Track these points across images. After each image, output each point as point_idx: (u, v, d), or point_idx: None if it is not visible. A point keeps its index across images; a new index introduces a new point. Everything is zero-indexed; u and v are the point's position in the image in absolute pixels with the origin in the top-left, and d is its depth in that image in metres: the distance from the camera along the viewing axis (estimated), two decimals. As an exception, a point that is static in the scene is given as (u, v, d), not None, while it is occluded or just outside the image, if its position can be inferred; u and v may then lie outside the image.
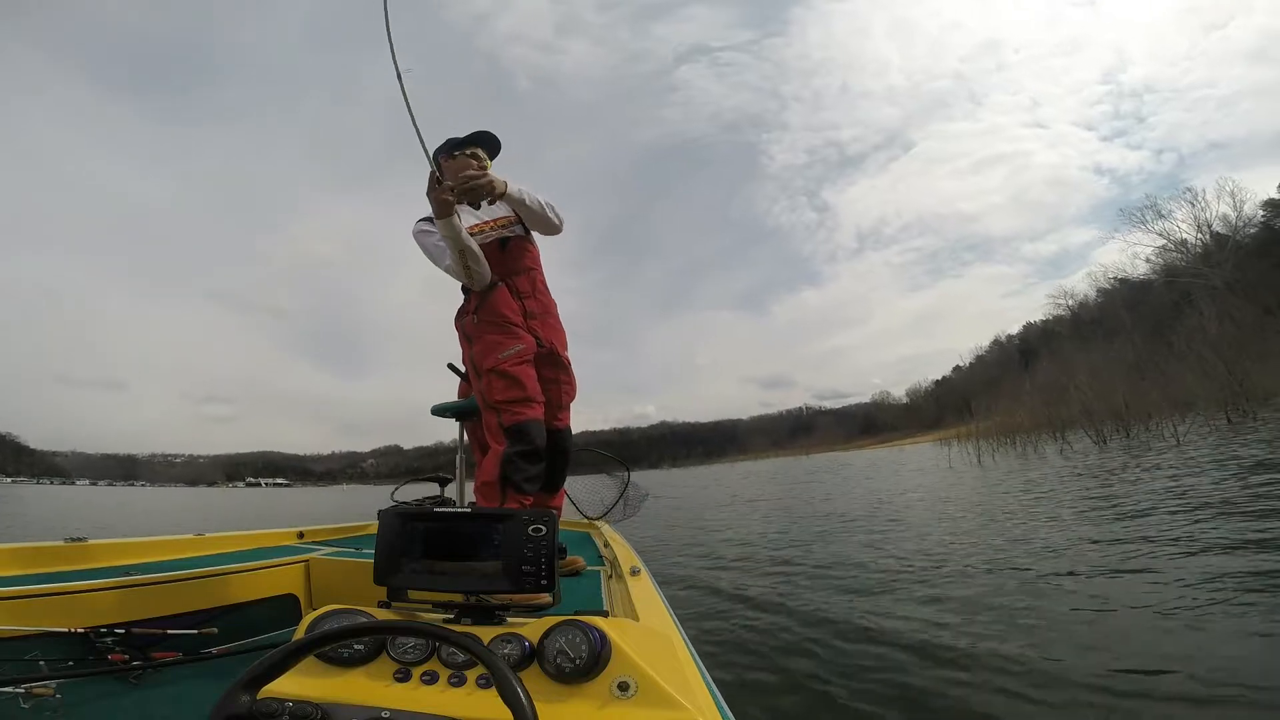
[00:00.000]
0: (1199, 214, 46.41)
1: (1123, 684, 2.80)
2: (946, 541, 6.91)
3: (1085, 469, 13.01)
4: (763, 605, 4.81)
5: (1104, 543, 5.80)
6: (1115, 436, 18.86)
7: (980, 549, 6.26)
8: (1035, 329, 77.36)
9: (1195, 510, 6.68)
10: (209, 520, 18.08)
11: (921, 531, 7.84)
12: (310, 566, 2.38)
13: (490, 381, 2.25)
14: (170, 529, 7.22)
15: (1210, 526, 5.78)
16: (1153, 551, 5.19)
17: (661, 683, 0.83)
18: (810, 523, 10.08)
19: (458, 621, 1.05)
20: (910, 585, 5.03)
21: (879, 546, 6.97)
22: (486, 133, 2.46)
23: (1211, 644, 3.12)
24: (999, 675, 3.03)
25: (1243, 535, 5.23)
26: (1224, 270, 41.25)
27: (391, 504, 2.14)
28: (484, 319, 2.33)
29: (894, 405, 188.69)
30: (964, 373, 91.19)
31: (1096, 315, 57.17)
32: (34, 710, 1.32)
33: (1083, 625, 3.66)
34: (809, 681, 3.20)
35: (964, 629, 3.76)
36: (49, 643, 1.53)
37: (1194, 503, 7.12)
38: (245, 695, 0.74)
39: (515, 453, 2.15)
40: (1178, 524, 6.11)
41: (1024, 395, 26.57)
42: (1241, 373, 18.25)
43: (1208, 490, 7.85)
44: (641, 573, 1.83)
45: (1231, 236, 44.47)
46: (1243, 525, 5.60)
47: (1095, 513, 7.61)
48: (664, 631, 1.09)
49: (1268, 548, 4.73)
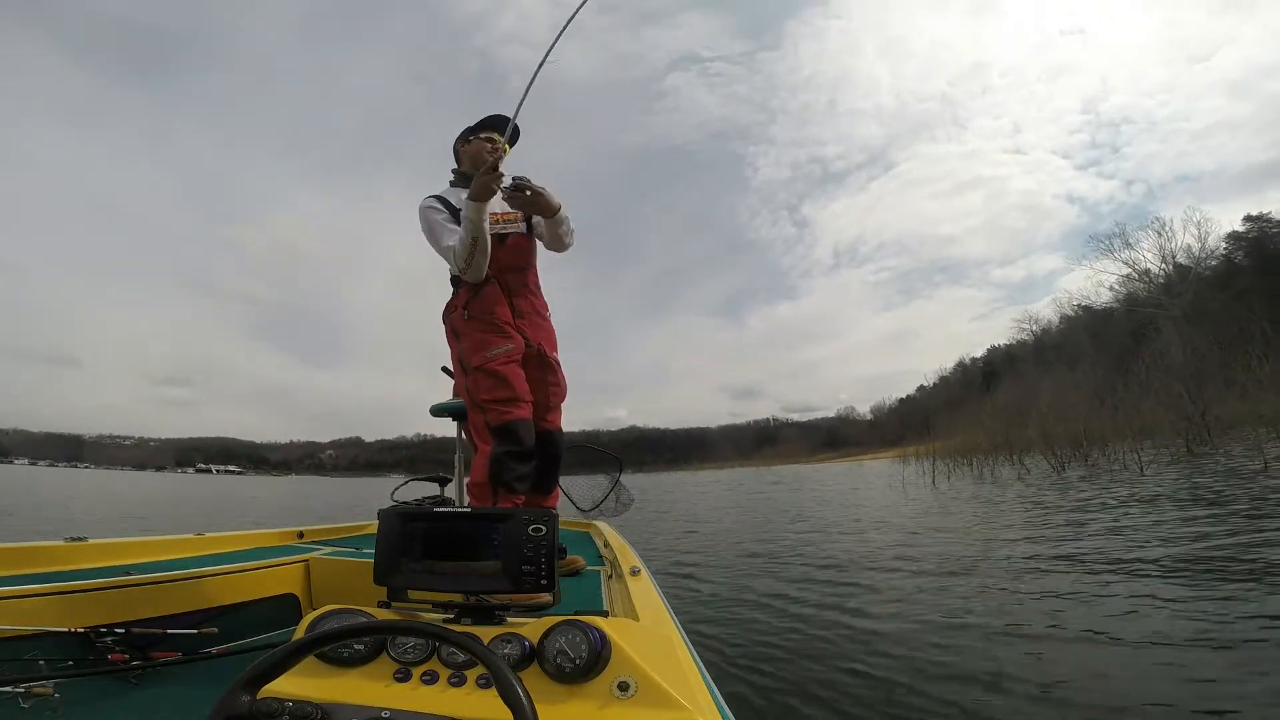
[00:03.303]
0: (1164, 244, 47.29)
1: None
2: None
3: (1036, 497, 12.40)
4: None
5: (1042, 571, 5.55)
6: (1073, 463, 18.76)
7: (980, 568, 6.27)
8: (999, 352, 77.90)
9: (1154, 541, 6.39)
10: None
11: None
12: (310, 566, 2.38)
13: (477, 380, 2.21)
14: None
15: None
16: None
17: (661, 683, 0.83)
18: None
19: (458, 621, 1.05)
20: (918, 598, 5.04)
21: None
22: (501, 116, 2.37)
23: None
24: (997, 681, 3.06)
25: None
26: (1183, 301, 41.86)
27: (391, 504, 2.14)
28: (473, 315, 2.29)
29: (858, 421, 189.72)
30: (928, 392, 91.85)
31: (1059, 341, 57.85)
32: (34, 710, 1.32)
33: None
34: (809, 682, 3.20)
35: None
36: (49, 643, 1.52)
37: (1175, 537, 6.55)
38: (245, 695, 0.74)
39: (504, 452, 2.13)
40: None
41: (984, 417, 26.37)
42: (1203, 402, 18.13)
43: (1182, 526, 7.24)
44: (641, 573, 1.82)
45: (1193, 268, 45.30)
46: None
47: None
48: (664, 631, 1.11)
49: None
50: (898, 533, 9.02)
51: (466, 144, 2.43)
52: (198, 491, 33.21)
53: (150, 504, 19.85)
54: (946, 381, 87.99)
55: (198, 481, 66.14)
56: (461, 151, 2.47)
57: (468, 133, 2.45)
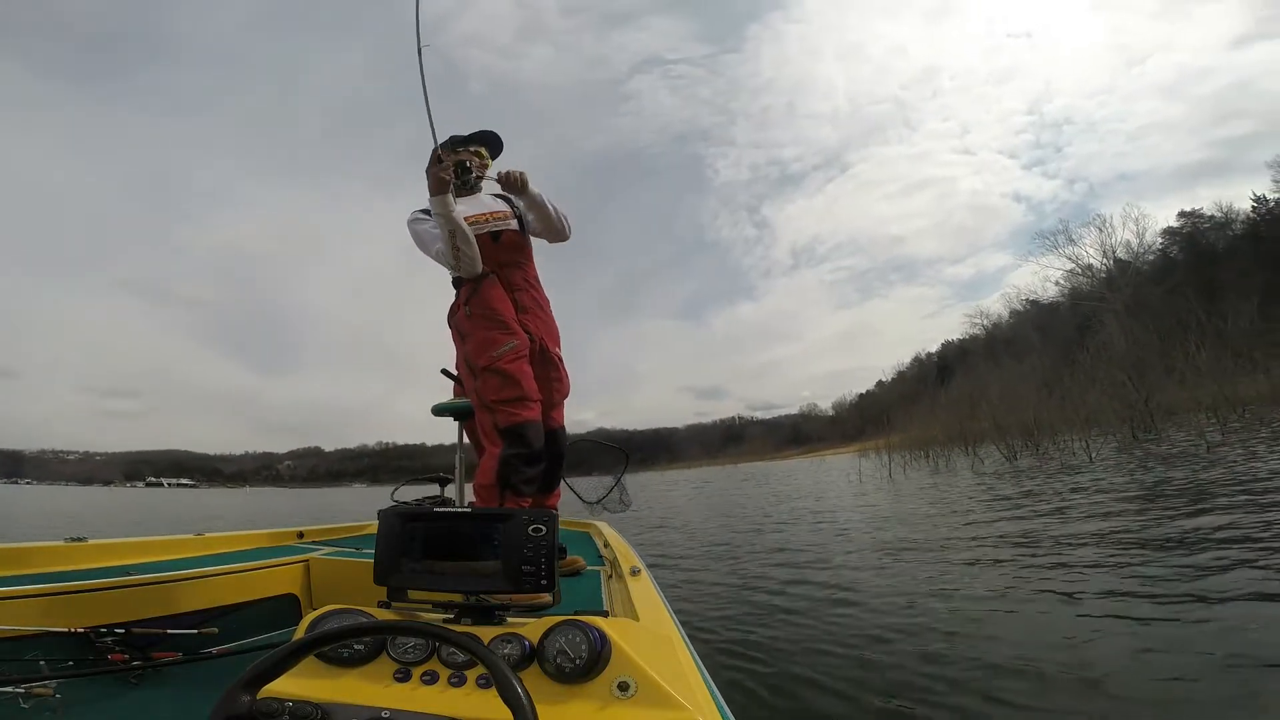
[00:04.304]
0: (1105, 240, 49.18)
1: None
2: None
3: (989, 486, 12.75)
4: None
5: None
6: (1024, 452, 19.08)
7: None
8: (953, 347, 79.60)
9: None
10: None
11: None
12: (310, 566, 2.38)
13: (485, 380, 2.20)
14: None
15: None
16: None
17: (661, 683, 0.83)
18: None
19: (458, 621, 1.04)
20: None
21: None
22: (491, 133, 2.48)
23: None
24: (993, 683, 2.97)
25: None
26: (1124, 295, 43.45)
27: (391, 504, 2.03)
28: (476, 312, 2.28)
29: (820, 417, 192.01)
30: (886, 387, 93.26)
31: (1009, 335, 59.40)
32: (34, 710, 1.32)
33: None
34: (808, 683, 3.15)
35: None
36: (49, 643, 1.53)
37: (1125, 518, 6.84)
38: (245, 695, 0.74)
39: (513, 455, 2.11)
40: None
41: (939, 410, 26.84)
42: (1146, 389, 18.59)
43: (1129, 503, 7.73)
44: (641, 573, 1.82)
45: (1132, 263, 47.17)
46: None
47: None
48: (664, 631, 1.11)
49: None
50: (845, 521, 9.52)
51: (454, 154, 2.44)
52: (149, 505, 32.15)
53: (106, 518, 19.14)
54: (904, 377, 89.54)
55: (160, 496, 62.38)
56: (445, 161, 2.47)
57: (455, 143, 2.47)
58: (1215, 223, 48.88)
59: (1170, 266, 46.49)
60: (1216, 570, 4.14)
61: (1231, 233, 47.14)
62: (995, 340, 61.82)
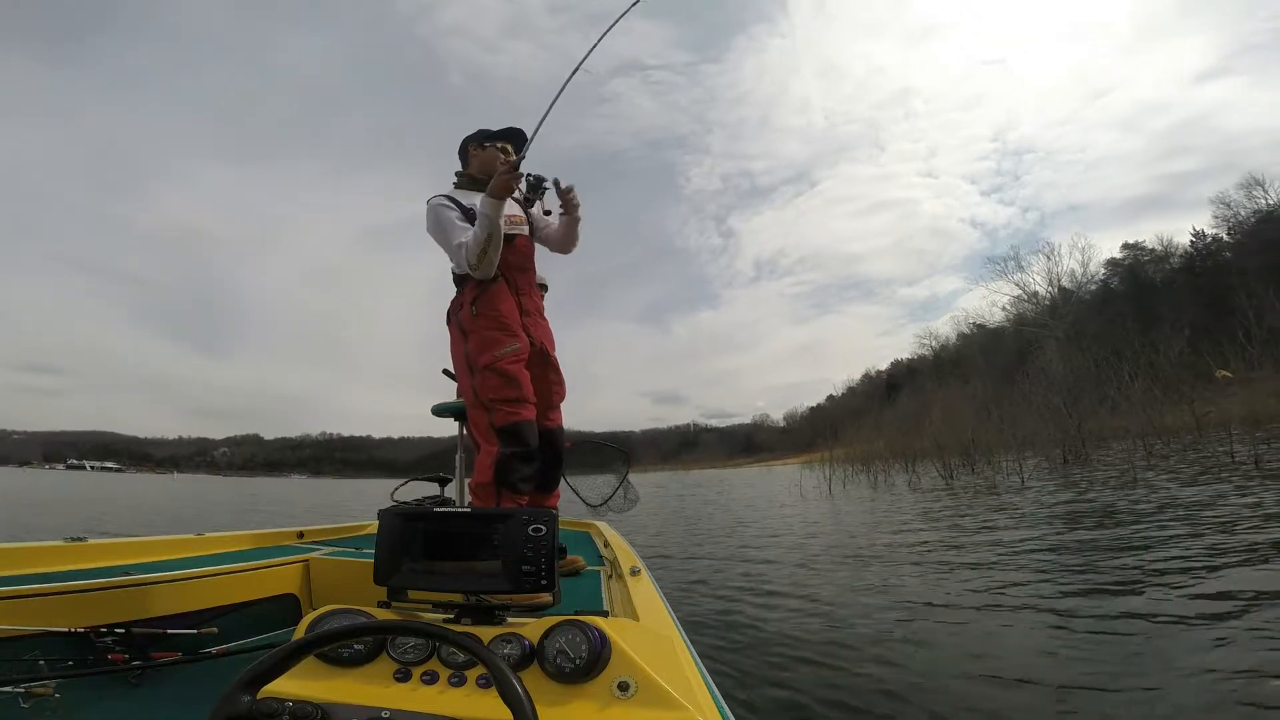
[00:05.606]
0: (1052, 268, 51.19)
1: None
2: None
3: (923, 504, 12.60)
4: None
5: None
6: (960, 471, 19.25)
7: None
8: (902, 366, 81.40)
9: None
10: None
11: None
12: (310, 566, 2.38)
13: (485, 379, 2.22)
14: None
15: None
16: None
17: (661, 683, 0.83)
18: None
19: (458, 621, 1.04)
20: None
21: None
22: (518, 130, 2.47)
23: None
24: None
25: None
26: (1065, 322, 44.97)
27: (391, 504, 2.11)
28: (482, 313, 2.29)
29: (772, 427, 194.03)
30: (837, 401, 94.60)
31: (955, 356, 60.93)
32: (34, 710, 1.32)
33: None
34: (808, 682, 3.16)
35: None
36: (49, 642, 1.52)
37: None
38: (245, 695, 0.74)
39: (510, 454, 2.14)
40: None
41: (884, 426, 27.32)
42: (1079, 416, 18.86)
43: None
44: (641, 573, 1.83)
45: (1075, 291, 48.95)
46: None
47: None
48: (664, 631, 1.11)
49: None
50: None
51: (481, 149, 2.47)
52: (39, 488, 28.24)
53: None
54: (854, 392, 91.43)
55: (76, 480, 55.28)
56: (472, 155, 2.51)
57: (483, 138, 2.48)
58: (1155, 255, 51.30)
59: (1110, 296, 48.44)
60: (1116, 585, 4.42)
61: (1169, 266, 49.50)
62: (943, 361, 63.56)
